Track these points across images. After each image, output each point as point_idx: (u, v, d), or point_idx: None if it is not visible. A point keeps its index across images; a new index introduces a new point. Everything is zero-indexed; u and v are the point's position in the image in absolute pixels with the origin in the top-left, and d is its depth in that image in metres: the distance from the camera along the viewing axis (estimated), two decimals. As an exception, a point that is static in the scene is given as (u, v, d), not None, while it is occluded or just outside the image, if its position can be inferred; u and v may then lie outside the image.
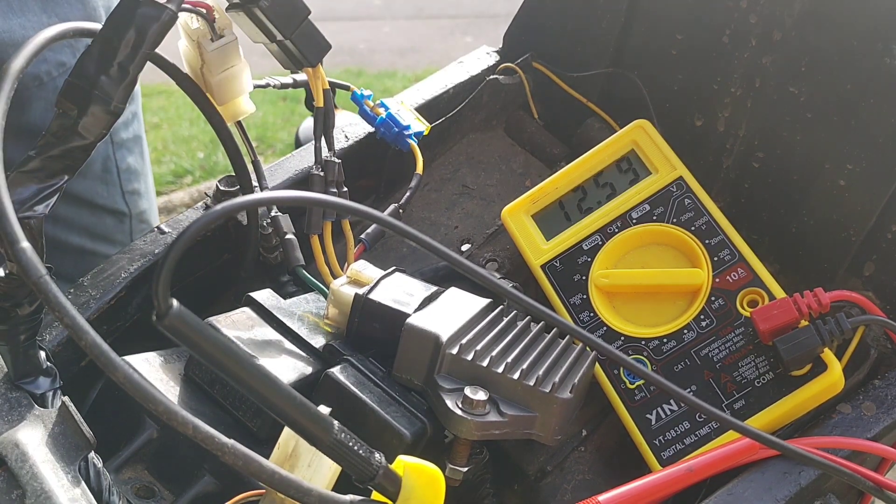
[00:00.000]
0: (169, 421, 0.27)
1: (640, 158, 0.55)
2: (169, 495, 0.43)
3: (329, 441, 0.31)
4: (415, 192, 0.57)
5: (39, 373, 0.41)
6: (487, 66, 0.69)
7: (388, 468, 0.32)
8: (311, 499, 0.30)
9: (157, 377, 0.45)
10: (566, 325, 0.34)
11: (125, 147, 0.84)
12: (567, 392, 0.43)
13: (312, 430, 0.31)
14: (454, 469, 0.42)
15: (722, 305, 0.49)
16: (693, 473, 0.40)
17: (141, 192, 0.88)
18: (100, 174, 0.82)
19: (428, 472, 0.33)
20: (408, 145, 0.58)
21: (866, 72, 0.49)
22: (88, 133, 0.37)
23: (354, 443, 0.32)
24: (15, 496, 0.37)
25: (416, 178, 0.57)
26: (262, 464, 0.28)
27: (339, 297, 0.48)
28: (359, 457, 0.31)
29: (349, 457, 0.31)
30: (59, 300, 0.27)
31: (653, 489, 0.40)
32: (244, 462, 0.28)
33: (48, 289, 0.27)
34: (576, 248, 0.55)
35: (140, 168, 0.87)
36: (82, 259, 0.82)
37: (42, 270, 0.27)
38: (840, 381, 0.45)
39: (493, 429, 0.41)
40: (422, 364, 0.43)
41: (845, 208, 0.51)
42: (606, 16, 0.62)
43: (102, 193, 0.83)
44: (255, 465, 0.28)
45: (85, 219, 0.82)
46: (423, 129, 0.60)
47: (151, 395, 0.27)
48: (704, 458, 0.41)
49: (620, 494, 0.39)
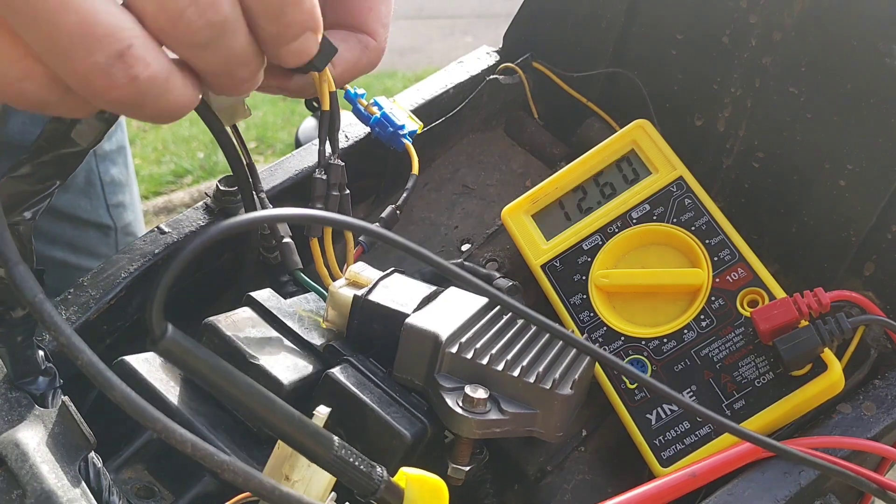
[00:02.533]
0: (167, 439, 0.27)
1: (640, 158, 0.56)
2: (169, 495, 0.43)
3: (329, 458, 0.31)
4: (411, 193, 0.57)
5: (39, 373, 0.41)
6: (487, 66, 0.69)
7: (391, 481, 0.32)
8: None
9: (157, 377, 0.45)
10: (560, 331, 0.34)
11: (108, 159, 0.82)
12: (567, 388, 0.43)
13: (312, 448, 0.31)
14: (457, 468, 0.42)
15: (722, 305, 0.49)
16: (696, 479, 0.40)
17: (126, 203, 0.86)
18: (83, 187, 0.80)
19: (430, 482, 0.32)
20: (402, 145, 0.58)
21: (866, 72, 0.49)
22: (82, 139, 0.37)
23: (355, 458, 0.32)
24: (15, 496, 0.37)
25: (412, 179, 0.57)
26: (263, 481, 0.28)
27: (338, 298, 0.48)
28: (360, 472, 0.31)
29: (350, 472, 0.31)
30: (55, 320, 0.27)
31: (655, 496, 0.39)
32: (244, 479, 0.28)
33: (43, 308, 0.27)
34: (576, 247, 0.55)
35: (124, 179, 0.85)
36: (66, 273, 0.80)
37: (37, 290, 0.28)
38: (840, 381, 0.45)
39: (494, 427, 0.41)
40: (422, 364, 0.43)
41: (845, 208, 0.51)
42: (606, 16, 0.62)
43: (86, 207, 0.81)
44: (255, 482, 0.28)
45: (68, 233, 0.80)
46: (416, 128, 0.60)
47: (149, 414, 0.27)
48: (707, 462, 0.41)
49: (622, 502, 0.38)
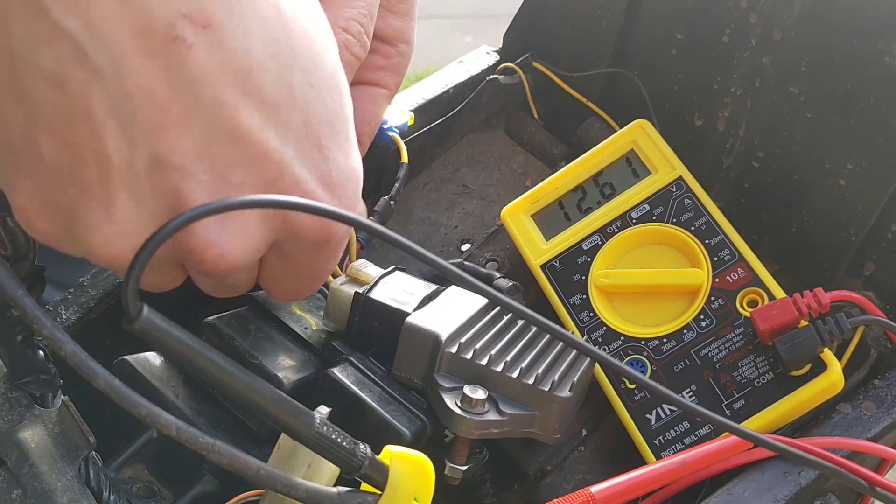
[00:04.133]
0: (152, 424, 0.27)
1: (639, 158, 0.55)
2: (169, 495, 0.43)
3: (311, 434, 0.31)
4: (403, 183, 0.57)
5: (39, 372, 0.41)
6: (487, 66, 0.68)
7: (375, 458, 0.32)
8: (298, 493, 0.30)
9: (157, 377, 0.45)
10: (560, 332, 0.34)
11: None
12: (566, 390, 0.43)
13: (293, 425, 0.31)
14: (454, 468, 0.42)
15: (722, 305, 0.49)
16: (686, 466, 0.40)
17: None
18: None
19: (415, 460, 0.33)
20: (390, 139, 0.58)
21: (866, 72, 0.49)
22: None
23: (338, 435, 0.32)
24: (15, 496, 0.37)
25: (403, 168, 0.57)
26: (248, 461, 0.28)
27: (339, 295, 0.48)
28: (343, 448, 0.32)
29: (333, 449, 0.31)
30: (36, 314, 0.27)
31: (646, 482, 0.39)
32: (229, 460, 0.28)
33: (24, 303, 0.28)
34: (575, 247, 0.55)
35: None
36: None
37: (17, 286, 0.28)
38: (840, 381, 0.45)
39: (492, 427, 0.41)
40: (421, 363, 0.43)
41: (845, 208, 0.51)
42: (606, 16, 0.62)
43: None
44: (240, 463, 0.28)
45: None
46: (408, 120, 0.60)
47: (134, 400, 0.27)
48: (698, 451, 0.41)
49: (613, 486, 0.38)
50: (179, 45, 0.28)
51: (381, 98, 0.51)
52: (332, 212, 0.30)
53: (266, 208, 0.31)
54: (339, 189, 0.34)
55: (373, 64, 0.49)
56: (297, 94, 0.31)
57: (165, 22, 0.27)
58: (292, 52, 0.31)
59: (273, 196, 0.29)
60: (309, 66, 0.32)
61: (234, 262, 0.32)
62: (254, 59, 0.30)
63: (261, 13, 0.30)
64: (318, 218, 0.33)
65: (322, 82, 0.33)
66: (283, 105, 0.31)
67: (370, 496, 0.32)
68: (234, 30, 0.29)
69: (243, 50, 0.29)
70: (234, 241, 0.32)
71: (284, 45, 0.30)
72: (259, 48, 0.30)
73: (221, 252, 0.31)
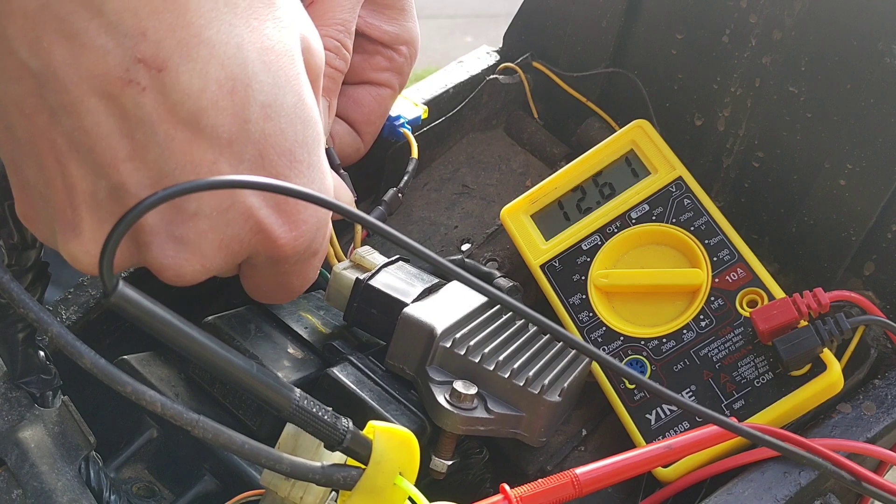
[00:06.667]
0: (137, 401, 0.28)
1: (639, 158, 0.55)
2: (169, 495, 0.43)
3: (291, 408, 0.31)
4: (412, 177, 0.57)
5: (39, 372, 0.41)
6: (487, 65, 0.69)
7: (357, 432, 0.32)
8: (282, 466, 0.30)
9: (157, 376, 0.45)
10: (559, 332, 0.34)
11: None
12: (556, 395, 0.43)
13: (274, 399, 0.31)
14: (439, 461, 0.42)
15: (721, 305, 0.49)
16: (672, 452, 0.40)
17: None
18: None
19: (399, 434, 0.32)
20: (401, 134, 0.58)
21: (866, 72, 0.49)
22: None
23: (318, 409, 0.32)
24: (15, 496, 0.37)
25: (413, 163, 0.57)
26: (232, 435, 0.29)
27: (340, 279, 0.48)
28: (323, 422, 0.32)
29: (314, 423, 0.32)
30: (22, 297, 0.29)
31: (631, 465, 0.39)
32: (213, 434, 0.29)
33: (10, 287, 0.29)
34: (575, 248, 0.55)
35: None
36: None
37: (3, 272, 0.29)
38: (839, 381, 0.45)
39: (478, 424, 0.41)
40: (415, 354, 0.43)
41: (845, 208, 0.51)
42: (606, 16, 0.62)
43: None
44: (224, 437, 0.29)
45: None
46: (421, 113, 0.59)
47: (119, 378, 0.28)
48: (684, 437, 0.41)
49: (598, 468, 0.38)
50: (133, 87, 0.29)
51: (385, 97, 0.53)
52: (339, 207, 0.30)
53: (207, 190, 0.32)
54: (295, 215, 0.36)
55: (377, 65, 0.52)
56: (253, 129, 0.33)
57: (121, 67, 0.29)
58: (249, 88, 0.32)
59: (213, 178, 0.30)
60: (268, 99, 0.33)
61: (193, 280, 0.35)
62: (207, 99, 0.31)
63: (218, 53, 0.31)
64: (272, 238, 0.35)
65: (282, 114, 0.34)
66: (237, 140, 0.32)
67: (354, 470, 0.32)
68: (190, 72, 0.30)
69: (198, 90, 0.30)
70: (192, 263, 0.34)
71: (241, 82, 0.32)
72: (214, 88, 0.31)
73: (178, 273, 0.34)
